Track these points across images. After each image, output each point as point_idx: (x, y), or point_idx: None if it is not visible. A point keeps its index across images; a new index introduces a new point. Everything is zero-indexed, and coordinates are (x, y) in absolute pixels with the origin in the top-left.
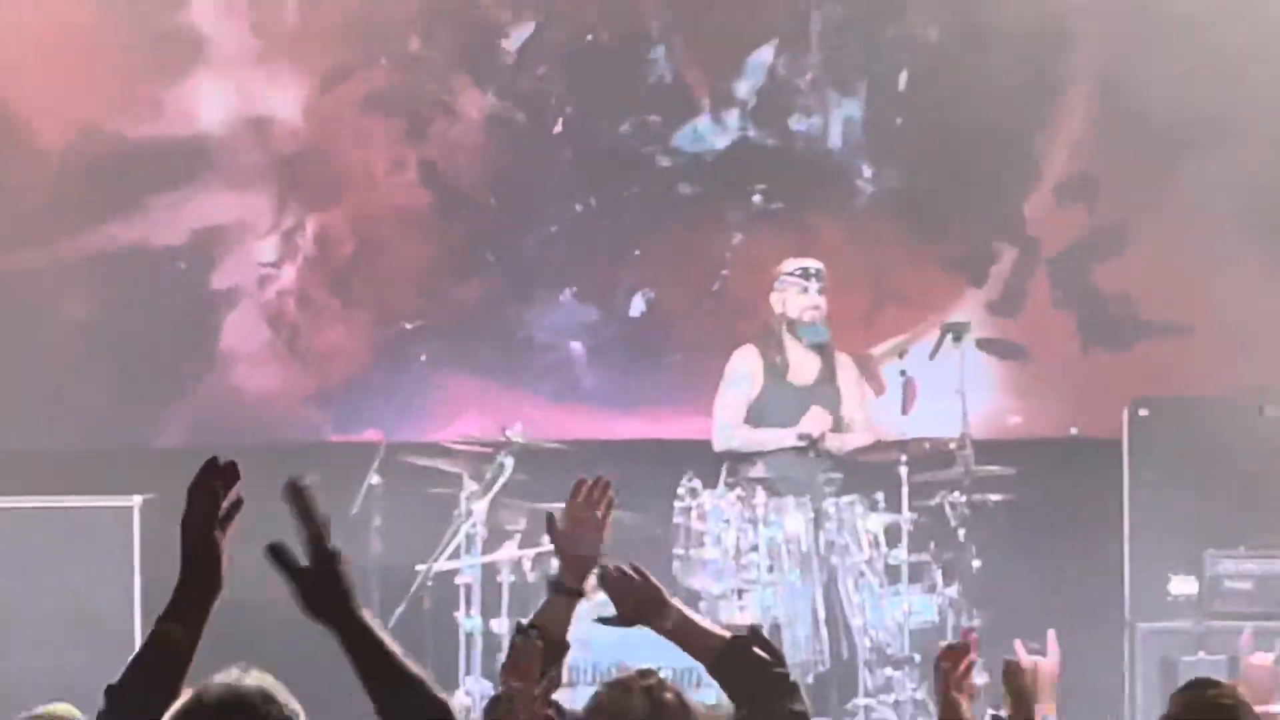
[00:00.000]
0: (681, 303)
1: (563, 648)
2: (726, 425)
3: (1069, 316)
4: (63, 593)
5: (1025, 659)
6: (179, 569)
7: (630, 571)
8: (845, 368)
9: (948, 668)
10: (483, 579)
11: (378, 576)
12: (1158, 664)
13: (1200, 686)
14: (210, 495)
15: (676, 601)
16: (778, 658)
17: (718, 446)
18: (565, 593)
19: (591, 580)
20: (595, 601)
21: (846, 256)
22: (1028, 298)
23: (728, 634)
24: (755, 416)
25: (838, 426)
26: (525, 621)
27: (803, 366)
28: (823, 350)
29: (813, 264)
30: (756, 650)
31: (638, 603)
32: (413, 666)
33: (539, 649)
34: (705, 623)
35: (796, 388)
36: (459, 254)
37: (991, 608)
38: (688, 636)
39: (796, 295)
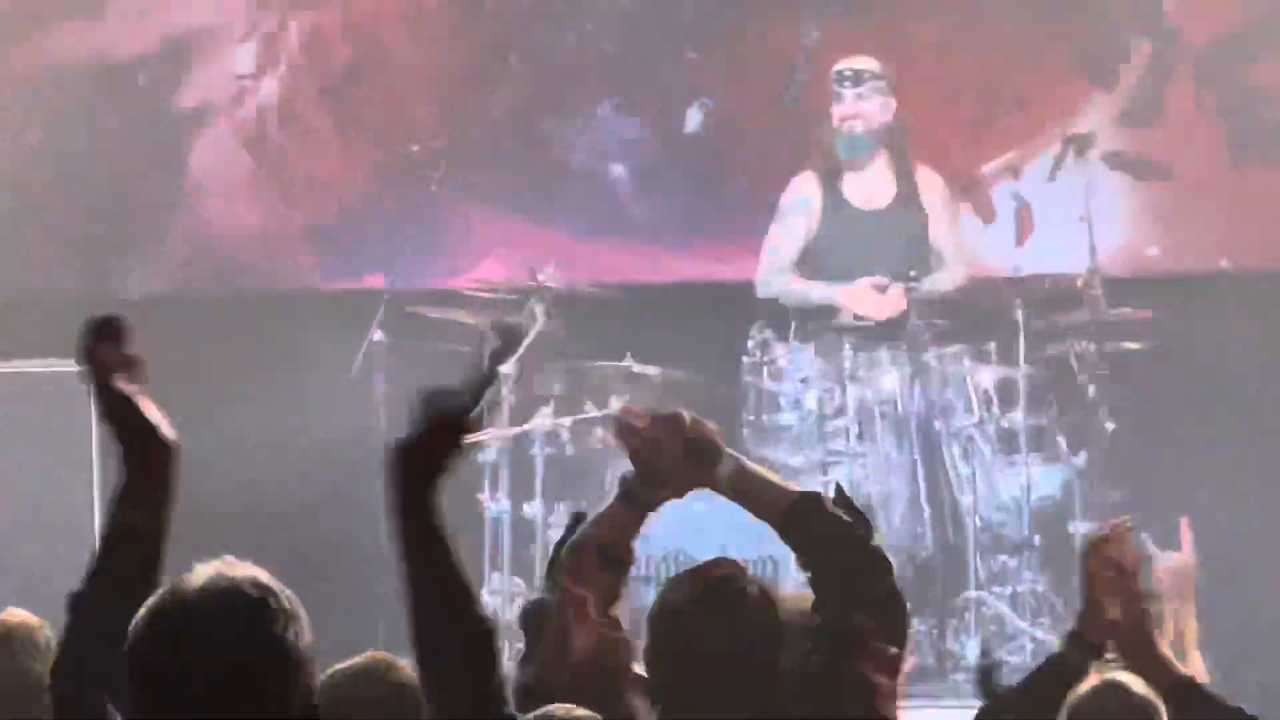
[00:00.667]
0: (747, 115)
1: (627, 561)
2: (767, 270)
3: (1218, 125)
4: (7, 475)
5: (1158, 556)
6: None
7: (681, 423)
8: (930, 187)
9: (1096, 567)
10: (511, 454)
11: (381, 455)
12: None
13: None
14: (104, 364)
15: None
16: (863, 522)
17: (760, 294)
18: (638, 504)
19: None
20: None
21: (946, 56)
22: (1167, 103)
23: (797, 488)
24: (816, 256)
25: (923, 260)
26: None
27: (870, 187)
28: (899, 166)
29: (857, 64)
30: (834, 509)
31: (685, 451)
32: (468, 581)
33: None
34: (770, 475)
35: (865, 214)
36: (477, 60)
37: (1129, 481)
38: (749, 490)
39: (836, 105)
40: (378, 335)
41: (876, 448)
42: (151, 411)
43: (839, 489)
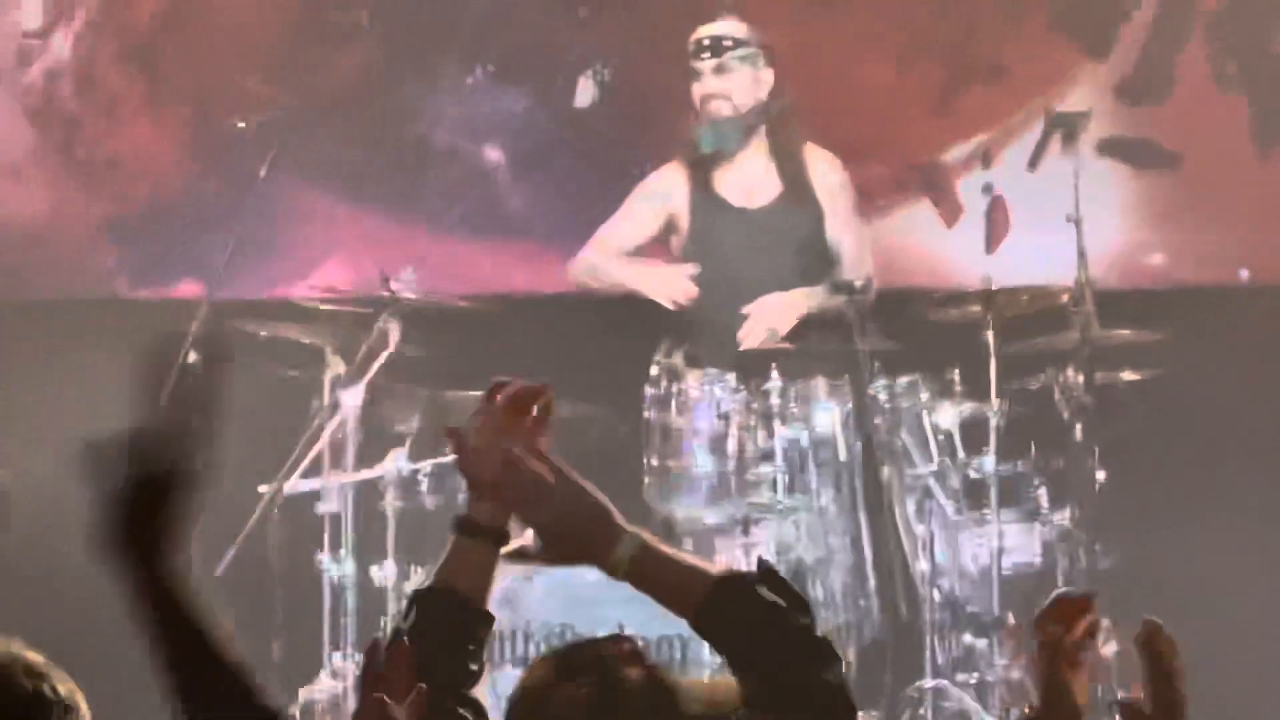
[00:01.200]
0: (650, 87)
1: (481, 617)
2: (585, 257)
3: (1238, 104)
4: None
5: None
6: None
7: (545, 470)
8: (824, 173)
9: (1055, 633)
10: (356, 504)
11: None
12: None
13: None
14: None
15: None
16: (797, 602)
17: (571, 276)
18: (477, 535)
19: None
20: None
21: (909, 15)
22: (1176, 76)
23: (715, 570)
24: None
25: (822, 267)
26: (423, 584)
27: (748, 182)
28: (783, 153)
29: (717, 29)
30: (763, 592)
31: (570, 525)
32: (237, 660)
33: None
34: (684, 556)
35: (746, 213)
36: (319, 15)
37: (1124, 544)
38: (656, 576)
39: (695, 84)
40: (193, 356)
41: (811, 501)
42: None
43: (763, 564)
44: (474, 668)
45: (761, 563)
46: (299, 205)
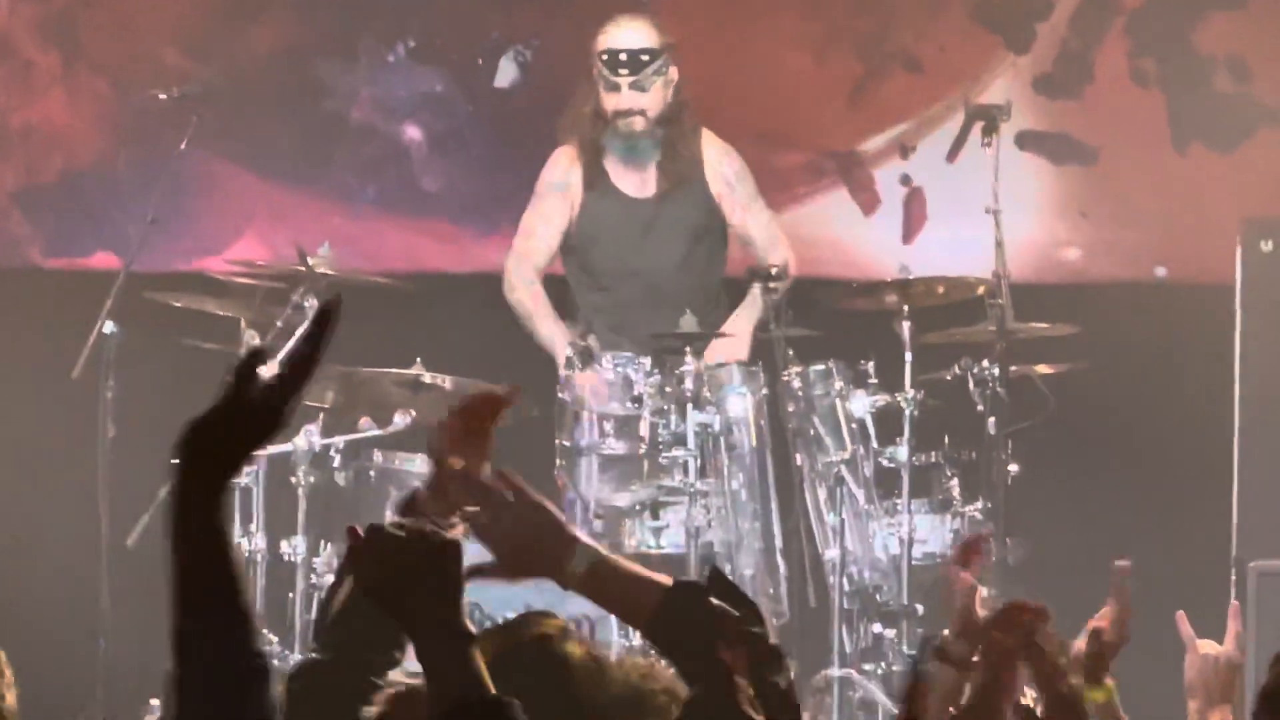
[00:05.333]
0: (572, 68)
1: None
2: (513, 271)
3: (1156, 100)
4: None
5: (1196, 645)
6: None
7: (506, 488)
8: (718, 159)
9: (1002, 641)
10: (269, 480)
11: (109, 472)
12: (1279, 621)
13: None
14: None
15: (584, 535)
16: (749, 610)
17: (506, 296)
18: None
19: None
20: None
21: (827, 7)
22: (1095, 69)
23: (668, 581)
24: (580, 252)
25: (715, 254)
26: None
27: (639, 171)
28: (681, 144)
29: (631, 41)
30: (715, 602)
31: (525, 540)
32: (247, 606)
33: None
34: (636, 568)
35: (639, 202)
36: None
37: (1036, 537)
38: (609, 588)
39: (607, 92)
40: (108, 326)
41: (722, 486)
42: None
43: (713, 572)
44: (397, 654)
45: (712, 571)
46: (216, 179)
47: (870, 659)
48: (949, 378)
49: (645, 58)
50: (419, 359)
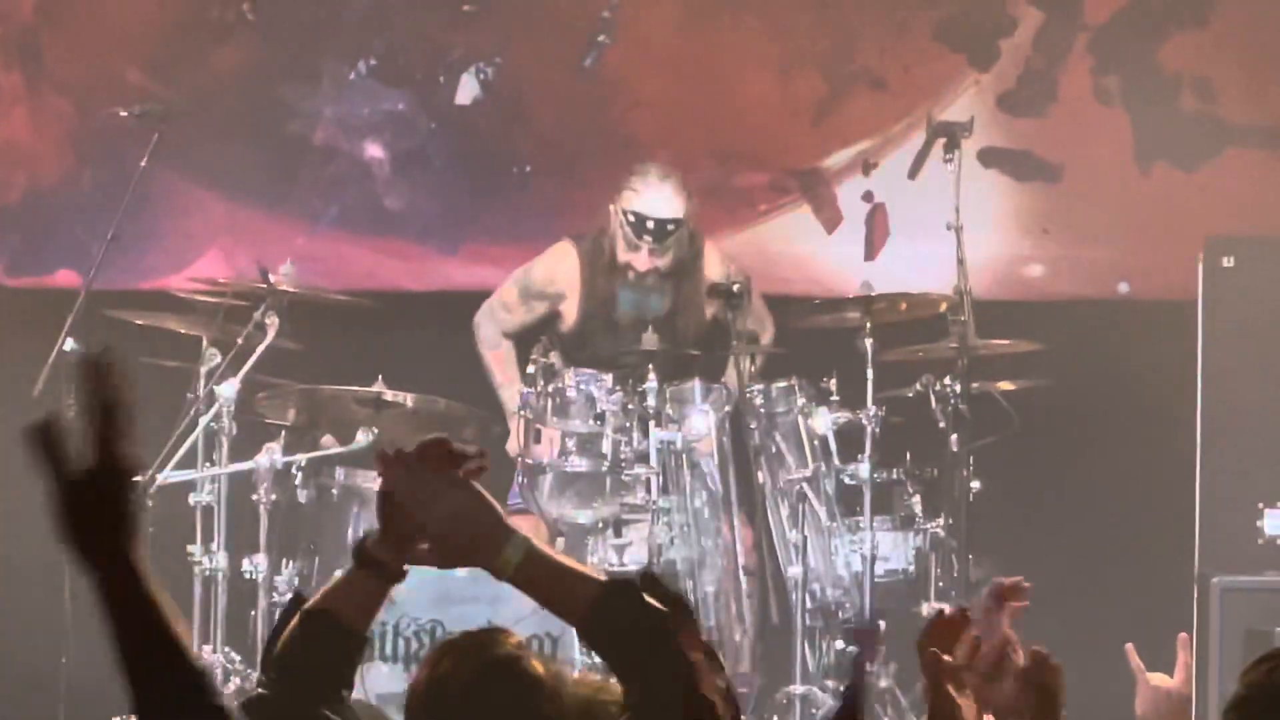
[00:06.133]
0: (534, 85)
1: (359, 643)
2: (483, 327)
3: (1119, 119)
4: None
5: (1146, 677)
6: None
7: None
8: (720, 273)
9: (934, 656)
10: (230, 497)
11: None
12: (1242, 637)
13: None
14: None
15: (519, 525)
16: (681, 609)
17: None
18: (386, 574)
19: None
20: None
21: (792, 20)
22: (1059, 87)
23: (603, 576)
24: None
25: (697, 317)
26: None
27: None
28: (680, 249)
29: (659, 211)
30: (649, 600)
31: (458, 525)
32: (190, 653)
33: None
34: (570, 561)
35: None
36: (202, 8)
37: (998, 555)
38: (543, 581)
39: (627, 249)
40: (70, 344)
41: (684, 503)
42: None
43: (647, 570)
44: (345, 692)
45: (645, 569)
46: (178, 198)
47: (833, 675)
48: (911, 394)
49: (670, 227)
50: (381, 377)
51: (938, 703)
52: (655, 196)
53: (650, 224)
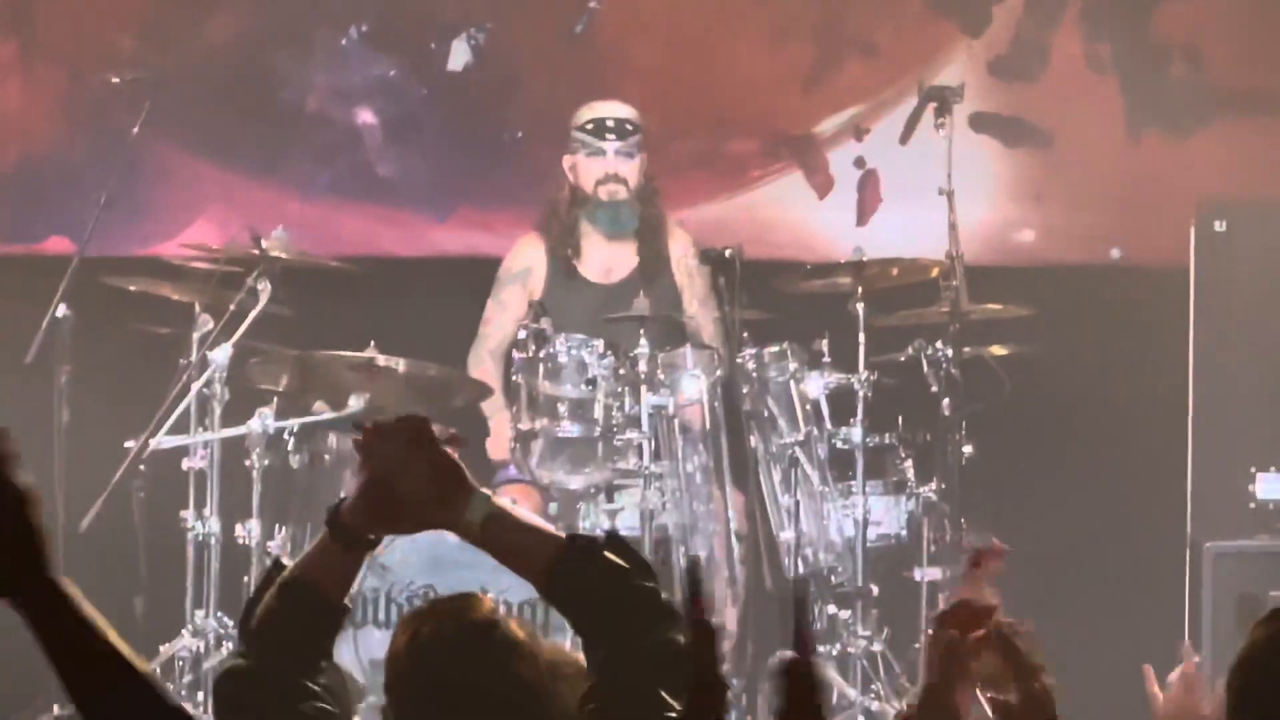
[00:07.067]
0: (525, 51)
1: (338, 613)
2: (472, 352)
3: (1111, 85)
4: None
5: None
6: None
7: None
8: (683, 251)
9: (948, 637)
10: (223, 463)
11: (65, 459)
12: (1235, 602)
13: None
14: None
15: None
16: (640, 568)
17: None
18: (347, 541)
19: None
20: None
21: None
22: (1051, 53)
23: (562, 535)
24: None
25: (677, 334)
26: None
27: (605, 256)
28: (641, 233)
29: (616, 111)
30: (610, 557)
31: (422, 486)
32: (135, 660)
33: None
34: (534, 519)
35: (602, 288)
36: None
37: (990, 519)
38: (505, 540)
39: (588, 159)
40: (62, 311)
41: (676, 468)
42: None
43: (610, 531)
44: (324, 663)
45: (609, 530)
46: (171, 164)
47: (826, 640)
48: (903, 359)
49: (629, 126)
50: (373, 342)
51: (938, 684)
52: (606, 105)
53: (609, 121)
